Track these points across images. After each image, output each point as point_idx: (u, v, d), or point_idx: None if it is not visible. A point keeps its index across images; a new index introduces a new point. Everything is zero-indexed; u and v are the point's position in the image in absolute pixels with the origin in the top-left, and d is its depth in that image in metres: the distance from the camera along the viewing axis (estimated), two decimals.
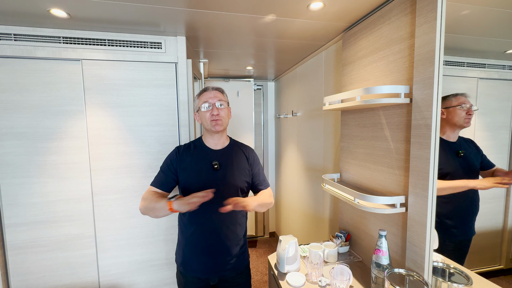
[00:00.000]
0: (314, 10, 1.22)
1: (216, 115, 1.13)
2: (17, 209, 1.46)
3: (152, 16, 1.30)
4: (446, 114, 0.99)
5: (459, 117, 0.98)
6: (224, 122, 1.16)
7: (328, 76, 1.83)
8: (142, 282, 1.66)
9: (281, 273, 1.24)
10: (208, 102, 1.14)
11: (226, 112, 1.17)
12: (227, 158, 1.19)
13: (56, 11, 1.21)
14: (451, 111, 0.99)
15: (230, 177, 1.16)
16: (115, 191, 1.58)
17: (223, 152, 1.20)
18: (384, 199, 1.05)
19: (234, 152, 1.22)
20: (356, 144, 1.39)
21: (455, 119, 0.99)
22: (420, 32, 0.95)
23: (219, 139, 1.20)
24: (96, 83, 1.51)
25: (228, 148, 1.22)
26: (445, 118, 0.98)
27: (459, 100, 0.97)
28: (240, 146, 1.27)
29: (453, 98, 0.98)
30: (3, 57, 1.38)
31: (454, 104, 0.98)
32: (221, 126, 1.15)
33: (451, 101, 0.98)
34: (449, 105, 0.98)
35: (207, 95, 1.16)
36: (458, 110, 0.98)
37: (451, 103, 0.98)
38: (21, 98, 1.42)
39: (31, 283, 1.50)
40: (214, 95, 1.15)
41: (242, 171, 1.19)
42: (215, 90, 1.18)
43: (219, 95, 1.17)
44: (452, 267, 0.98)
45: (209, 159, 1.16)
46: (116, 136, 1.56)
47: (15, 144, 1.43)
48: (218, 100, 1.15)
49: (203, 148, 1.20)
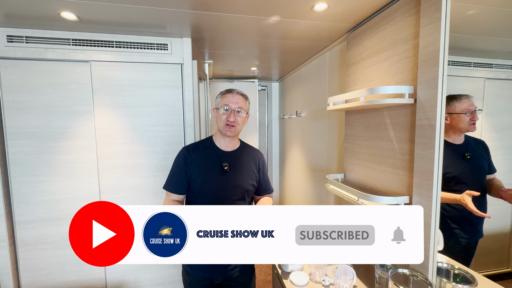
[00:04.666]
0: (319, 11, 1.23)
1: (232, 122, 1.12)
2: (27, 206, 1.50)
3: (159, 19, 1.32)
4: (449, 120, 0.96)
5: (463, 123, 0.96)
6: (238, 129, 1.15)
7: (332, 76, 1.83)
8: (148, 280, 1.68)
9: (285, 272, 1.25)
10: (228, 106, 1.12)
11: (242, 120, 1.16)
12: (237, 160, 1.19)
13: (67, 14, 1.24)
14: (454, 117, 0.96)
15: (239, 180, 1.16)
16: (122, 190, 1.61)
17: (233, 154, 1.20)
18: (388, 199, 1.05)
19: (244, 155, 1.22)
20: (360, 144, 1.39)
21: (460, 125, 0.96)
22: (425, 33, 0.94)
23: (230, 142, 1.21)
24: (104, 84, 1.54)
25: (238, 150, 1.23)
26: (449, 123, 0.96)
27: (462, 106, 0.94)
28: (251, 150, 1.27)
29: (456, 103, 0.95)
30: (15, 59, 1.43)
31: (457, 111, 0.95)
32: (233, 133, 1.14)
33: (454, 106, 0.95)
34: (452, 111, 0.95)
35: (230, 98, 1.13)
36: (462, 116, 0.95)
37: (454, 109, 0.95)
38: (32, 98, 1.46)
39: (40, 279, 1.54)
40: (237, 101, 1.13)
41: (250, 174, 1.20)
42: (239, 95, 1.15)
43: (241, 102, 1.14)
44: (457, 268, 0.98)
45: (219, 160, 1.17)
46: (123, 136, 1.59)
47: (26, 144, 1.47)
48: (238, 107, 1.13)
49: (214, 149, 1.20)
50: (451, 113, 0.96)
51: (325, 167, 1.99)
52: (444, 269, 0.99)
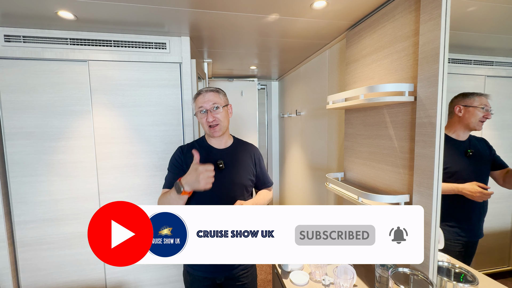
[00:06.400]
0: (318, 8, 1.22)
1: (212, 121, 1.10)
2: (26, 206, 1.49)
3: (157, 17, 1.31)
4: (463, 113, 0.95)
5: (475, 117, 0.94)
6: (223, 125, 1.14)
7: (332, 75, 1.82)
8: (148, 280, 1.68)
9: (285, 271, 1.25)
10: (203, 107, 1.11)
11: (223, 115, 1.14)
12: (232, 157, 1.19)
13: (64, 13, 1.24)
14: (470, 110, 0.95)
15: (236, 176, 1.16)
16: (121, 190, 1.60)
17: (228, 151, 1.20)
18: (388, 198, 1.05)
19: (239, 150, 1.22)
20: (360, 143, 1.38)
21: (471, 119, 0.95)
22: (425, 30, 0.94)
23: (221, 140, 1.20)
24: (102, 84, 1.53)
25: (232, 147, 1.22)
26: (461, 116, 0.95)
27: (482, 101, 0.93)
28: (245, 145, 1.27)
29: (476, 97, 0.93)
30: (13, 58, 1.42)
31: (475, 104, 0.94)
32: (219, 132, 1.13)
33: (473, 99, 0.94)
34: (470, 103, 0.94)
35: (201, 99, 1.12)
36: (478, 111, 0.94)
37: (473, 102, 0.94)
38: (30, 98, 1.45)
39: (40, 279, 1.54)
40: (208, 99, 1.11)
41: (247, 170, 1.19)
42: (209, 92, 1.13)
43: (213, 98, 1.12)
44: (458, 266, 0.97)
45: (214, 158, 1.17)
46: (122, 135, 1.58)
47: (24, 144, 1.47)
48: (212, 103, 1.11)
49: (208, 148, 1.20)
50: (468, 106, 0.95)
51: (325, 166, 1.99)
52: (445, 268, 0.98)
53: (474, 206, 0.99)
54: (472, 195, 0.95)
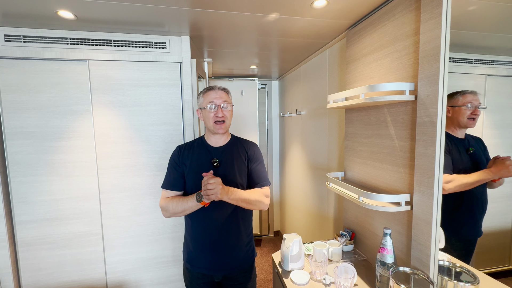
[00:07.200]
0: (318, 8, 1.22)
1: (221, 117, 1.13)
2: (27, 206, 1.49)
3: (157, 16, 1.31)
4: (451, 113, 0.97)
5: (463, 116, 0.96)
6: (228, 124, 1.16)
7: (332, 74, 1.82)
8: (148, 279, 1.68)
9: (285, 271, 1.24)
10: (214, 103, 1.13)
11: (230, 114, 1.17)
12: (227, 155, 1.19)
13: (64, 12, 1.23)
14: (456, 110, 0.96)
15: (230, 174, 1.15)
16: (122, 189, 1.60)
17: (223, 149, 1.20)
18: (388, 197, 1.05)
19: (235, 148, 1.22)
20: (360, 142, 1.38)
21: (460, 118, 0.97)
22: (425, 29, 0.93)
23: (220, 138, 1.21)
24: (103, 83, 1.53)
25: (228, 145, 1.22)
26: (450, 116, 0.97)
27: (465, 99, 0.95)
28: (241, 142, 1.26)
29: (460, 96, 0.96)
30: (13, 58, 1.42)
31: (459, 103, 0.96)
32: (224, 129, 1.15)
33: (457, 99, 0.96)
34: (455, 103, 0.96)
35: (213, 95, 1.14)
36: (463, 109, 0.96)
37: (457, 102, 0.96)
38: (30, 98, 1.45)
39: (41, 279, 1.54)
40: (220, 96, 1.14)
41: (240, 167, 1.19)
42: (221, 91, 1.16)
43: (224, 96, 1.16)
44: (459, 266, 0.97)
45: (210, 156, 1.17)
46: (122, 135, 1.58)
47: (25, 144, 1.47)
48: (223, 101, 1.14)
49: (204, 146, 1.21)
50: (454, 106, 0.96)
51: (325, 165, 1.99)
52: (445, 267, 0.98)
53: (475, 204, 1.00)
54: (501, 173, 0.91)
